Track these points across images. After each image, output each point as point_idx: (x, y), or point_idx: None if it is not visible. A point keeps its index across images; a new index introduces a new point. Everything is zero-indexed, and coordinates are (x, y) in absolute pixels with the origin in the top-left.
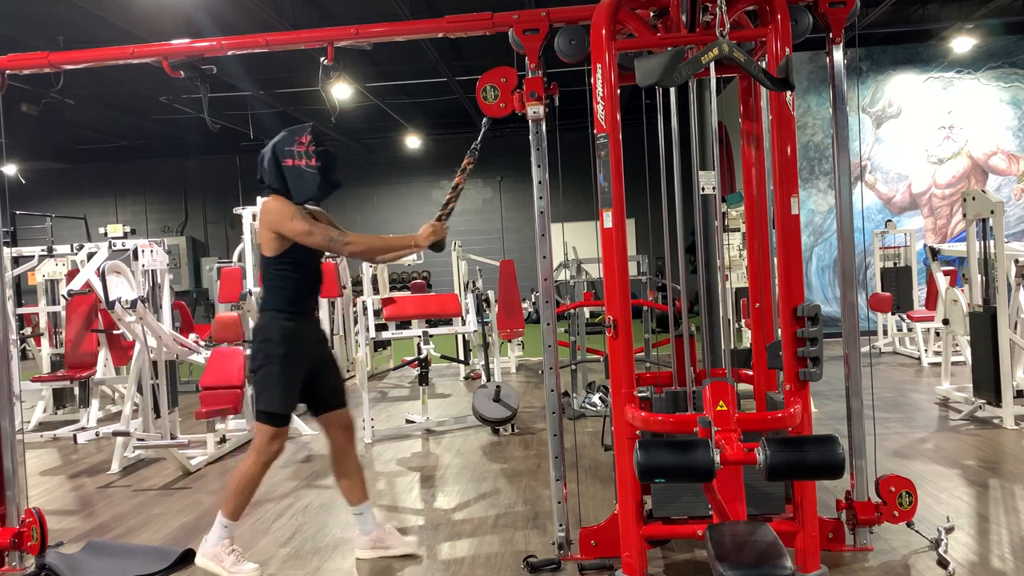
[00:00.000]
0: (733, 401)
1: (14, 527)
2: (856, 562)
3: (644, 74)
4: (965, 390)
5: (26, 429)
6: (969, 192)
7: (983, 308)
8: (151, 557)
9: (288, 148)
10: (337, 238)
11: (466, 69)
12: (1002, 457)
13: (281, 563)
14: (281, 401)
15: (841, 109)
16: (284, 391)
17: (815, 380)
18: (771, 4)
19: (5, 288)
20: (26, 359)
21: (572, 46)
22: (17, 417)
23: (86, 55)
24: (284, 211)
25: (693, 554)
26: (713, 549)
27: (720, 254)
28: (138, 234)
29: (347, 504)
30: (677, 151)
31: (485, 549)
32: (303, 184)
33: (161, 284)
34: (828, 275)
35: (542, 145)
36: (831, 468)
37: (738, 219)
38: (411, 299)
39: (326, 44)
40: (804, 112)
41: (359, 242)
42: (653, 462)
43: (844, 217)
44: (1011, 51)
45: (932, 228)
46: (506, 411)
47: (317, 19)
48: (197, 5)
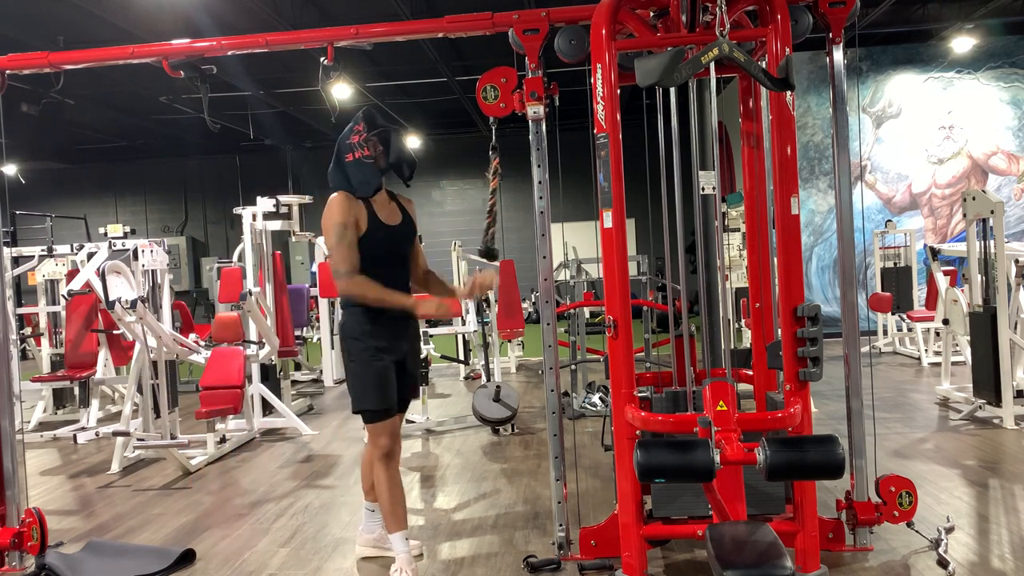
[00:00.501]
0: (733, 401)
1: (14, 527)
2: (856, 562)
3: (644, 74)
4: (965, 390)
5: (26, 429)
6: (969, 192)
7: (983, 308)
8: (151, 557)
9: (348, 142)
10: (340, 272)
11: (466, 69)
12: (1002, 457)
13: (281, 563)
14: (367, 398)
15: (841, 109)
16: (369, 386)
17: (815, 380)
18: (771, 4)
19: (5, 288)
20: (26, 359)
21: (572, 46)
22: (17, 417)
23: (86, 55)
24: (330, 217)
25: (693, 554)
26: (713, 549)
27: (720, 254)
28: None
29: (364, 497)
30: (677, 151)
31: (485, 549)
32: (363, 177)
33: (161, 284)
34: (828, 275)
35: (542, 145)
36: (831, 468)
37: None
38: None
39: (326, 44)
40: (804, 112)
41: (352, 289)
42: (653, 462)
43: (844, 217)
44: (1011, 51)
45: (932, 228)
46: (506, 411)
47: (317, 19)
48: (197, 5)
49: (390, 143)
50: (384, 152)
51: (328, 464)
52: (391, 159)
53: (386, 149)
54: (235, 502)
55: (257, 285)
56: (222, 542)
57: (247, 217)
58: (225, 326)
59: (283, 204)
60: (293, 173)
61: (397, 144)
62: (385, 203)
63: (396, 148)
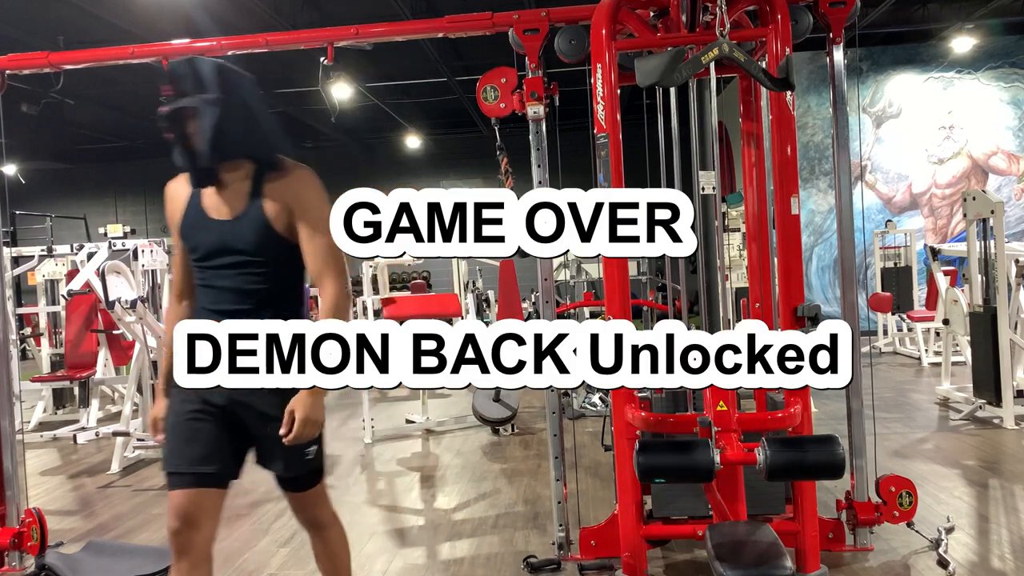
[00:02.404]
0: (733, 401)
1: (14, 527)
2: (856, 562)
3: (644, 74)
4: (965, 390)
5: (26, 429)
6: (969, 192)
7: (983, 308)
8: (151, 557)
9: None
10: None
11: (466, 69)
12: (1002, 457)
13: (281, 563)
14: (165, 450)
15: (841, 109)
16: (168, 437)
17: None
18: (771, 4)
19: (5, 288)
20: (26, 359)
21: (572, 46)
22: (17, 417)
23: (86, 55)
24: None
25: (693, 554)
26: (713, 549)
27: (720, 254)
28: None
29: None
30: (677, 151)
31: (485, 549)
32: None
33: (161, 284)
34: (828, 275)
35: (542, 145)
36: (831, 468)
37: (738, 219)
38: (411, 299)
39: (326, 44)
40: (804, 112)
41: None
42: (653, 462)
43: (844, 217)
44: (1011, 51)
45: (932, 228)
46: (506, 411)
47: (317, 19)
48: (197, 5)
49: (177, 124)
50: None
51: (328, 464)
52: (187, 142)
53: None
54: (235, 502)
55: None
56: (222, 542)
57: None
58: None
59: None
60: None
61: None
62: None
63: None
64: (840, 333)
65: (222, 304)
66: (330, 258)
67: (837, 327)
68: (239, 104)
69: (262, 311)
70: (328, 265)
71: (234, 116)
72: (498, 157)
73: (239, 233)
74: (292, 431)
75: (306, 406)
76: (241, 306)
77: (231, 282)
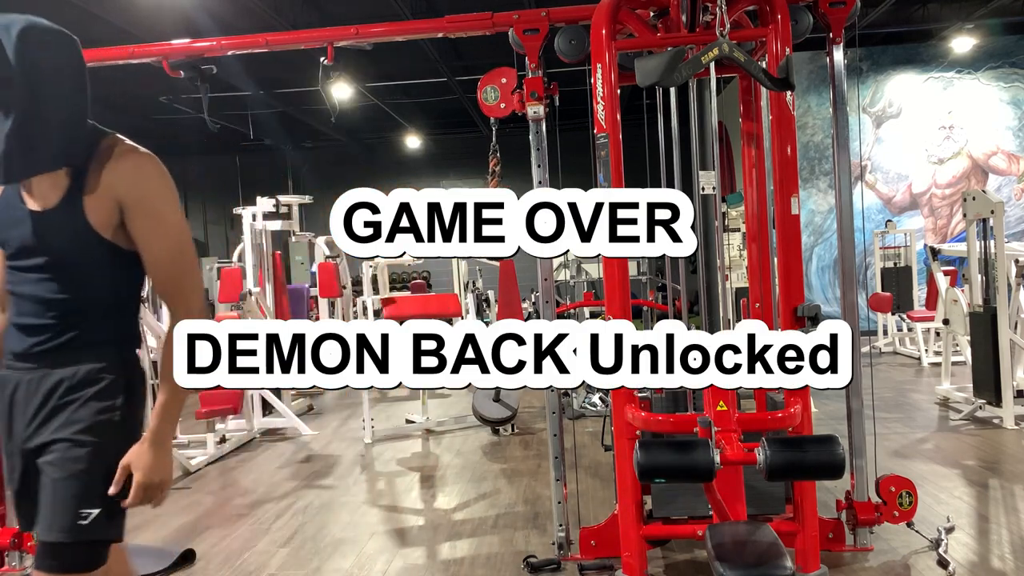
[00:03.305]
0: (733, 401)
1: (14, 527)
2: (856, 562)
3: (644, 74)
4: (965, 390)
5: None
6: (969, 192)
7: (983, 308)
8: (151, 557)
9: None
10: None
11: (466, 69)
12: (1002, 457)
13: (281, 563)
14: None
15: (841, 109)
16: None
17: None
18: (771, 4)
19: None
20: None
21: (572, 46)
22: None
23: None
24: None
25: (693, 554)
26: (713, 549)
27: (720, 254)
28: None
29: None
30: (677, 151)
31: (485, 549)
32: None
33: None
34: (828, 275)
35: (542, 145)
36: (831, 468)
37: (738, 219)
38: (411, 299)
39: (326, 44)
40: (804, 112)
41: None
42: (653, 462)
43: (844, 217)
44: (1011, 51)
45: (932, 228)
46: (506, 411)
47: (317, 19)
48: (197, 5)
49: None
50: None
51: (328, 464)
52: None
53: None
54: (235, 502)
55: (257, 285)
56: (222, 542)
57: (247, 217)
58: None
59: (283, 204)
60: (293, 173)
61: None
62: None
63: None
64: (840, 333)
65: (24, 317)
66: (175, 271)
67: (837, 327)
68: (46, 82)
69: (65, 330)
70: (171, 279)
71: (40, 96)
72: (492, 154)
73: (48, 229)
74: (130, 496)
75: (147, 467)
76: (39, 320)
77: (31, 288)
